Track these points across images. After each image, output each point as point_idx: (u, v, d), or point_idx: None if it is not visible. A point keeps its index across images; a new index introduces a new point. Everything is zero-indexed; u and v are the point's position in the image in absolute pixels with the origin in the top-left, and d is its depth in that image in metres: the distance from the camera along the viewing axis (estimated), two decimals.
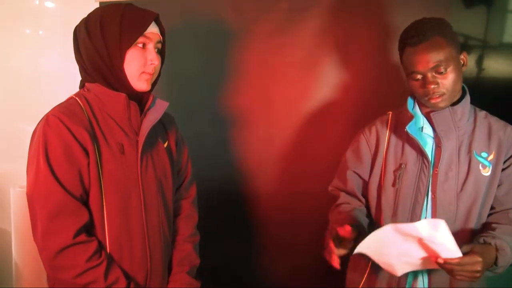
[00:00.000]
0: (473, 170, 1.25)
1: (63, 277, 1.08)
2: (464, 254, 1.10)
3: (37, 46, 2.10)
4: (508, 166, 1.26)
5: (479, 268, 1.09)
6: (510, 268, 1.22)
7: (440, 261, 1.09)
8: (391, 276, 1.29)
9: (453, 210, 1.25)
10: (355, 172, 1.43)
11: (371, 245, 1.16)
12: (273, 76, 1.83)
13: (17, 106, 2.06)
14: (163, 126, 1.31)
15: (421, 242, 1.10)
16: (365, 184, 1.42)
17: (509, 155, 1.26)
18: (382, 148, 1.36)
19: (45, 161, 1.05)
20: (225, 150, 1.87)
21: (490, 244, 1.16)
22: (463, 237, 1.23)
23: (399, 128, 1.34)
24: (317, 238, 1.83)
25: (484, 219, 1.28)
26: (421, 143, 1.27)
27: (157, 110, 1.20)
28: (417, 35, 1.21)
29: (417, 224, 1.07)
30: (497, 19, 1.78)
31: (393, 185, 1.32)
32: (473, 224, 1.26)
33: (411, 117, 1.28)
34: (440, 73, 1.20)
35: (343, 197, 1.45)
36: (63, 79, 1.91)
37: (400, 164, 1.32)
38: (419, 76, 1.23)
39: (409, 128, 1.26)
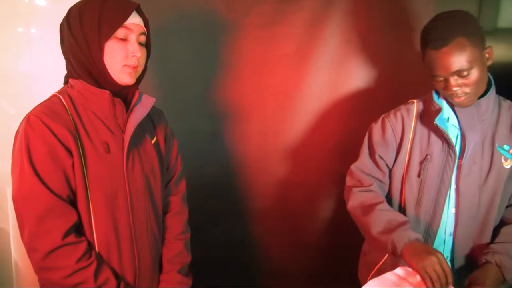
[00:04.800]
0: (495, 163, 1.26)
1: (53, 278, 1.07)
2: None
3: (30, 45, 2.08)
4: None
5: None
6: None
7: None
8: None
9: (476, 202, 1.26)
10: (381, 157, 1.40)
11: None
12: (266, 69, 1.82)
13: (12, 105, 2.04)
14: (151, 122, 1.29)
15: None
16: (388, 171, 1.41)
17: None
18: (407, 137, 1.35)
19: (29, 163, 1.04)
20: (219, 144, 1.87)
21: (491, 263, 1.19)
22: (484, 228, 1.27)
23: (425, 118, 1.33)
24: (313, 230, 1.84)
25: (502, 209, 1.29)
26: (450, 135, 1.27)
27: (144, 106, 1.18)
28: (439, 39, 1.18)
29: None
30: (491, 4, 1.77)
31: (418, 175, 1.32)
32: (494, 215, 1.28)
33: (439, 110, 1.27)
34: (463, 76, 1.18)
35: (370, 182, 1.39)
36: (57, 77, 1.90)
37: (426, 155, 1.31)
38: (441, 79, 1.21)
39: (438, 121, 1.25)
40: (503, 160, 1.26)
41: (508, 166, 1.26)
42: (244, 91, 1.84)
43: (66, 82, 1.18)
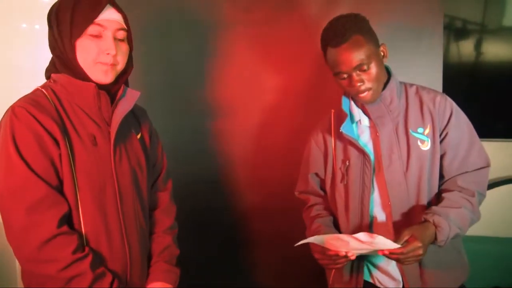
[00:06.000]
0: (413, 147, 1.29)
1: (47, 271, 1.03)
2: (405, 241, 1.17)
3: (34, 41, 2.08)
4: (446, 135, 1.29)
5: (421, 252, 1.15)
6: None
7: (386, 252, 1.16)
8: (352, 266, 1.36)
9: (403, 189, 1.29)
10: (314, 173, 1.47)
11: (319, 239, 1.23)
12: (261, 67, 1.80)
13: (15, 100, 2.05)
14: (135, 118, 1.28)
15: (363, 243, 1.17)
16: (322, 182, 1.48)
17: (443, 125, 1.30)
18: (330, 147, 1.41)
19: (16, 153, 1.01)
20: (213, 141, 1.86)
21: (429, 221, 1.21)
22: (418, 211, 1.28)
23: (339, 126, 1.36)
24: (304, 227, 1.83)
25: (435, 189, 1.32)
26: (361, 139, 1.33)
27: (128, 100, 1.16)
28: (336, 36, 1.24)
29: (357, 235, 1.16)
30: (495, 3, 1.77)
31: (341, 181, 1.37)
32: (425, 197, 1.30)
33: (345, 116, 1.33)
34: (364, 70, 1.24)
35: (313, 199, 1.50)
36: None
37: (344, 160, 1.36)
38: (345, 75, 1.26)
39: (344, 128, 1.31)
40: (419, 143, 1.29)
41: (427, 148, 1.29)
42: (238, 89, 1.82)
43: (48, 77, 1.16)
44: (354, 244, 1.18)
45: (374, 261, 1.38)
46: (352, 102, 1.36)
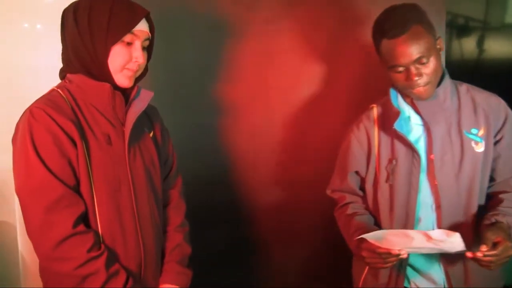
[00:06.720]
0: (467, 149, 1.25)
1: (63, 269, 1.06)
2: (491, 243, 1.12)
3: (36, 41, 2.09)
4: (501, 138, 1.25)
5: (511, 252, 1.12)
6: None
7: (479, 255, 1.10)
8: (391, 269, 1.30)
9: (455, 192, 1.25)
10: (354, 171, 1.41)
11: (378, 235, 1.18)
12: (268, 64, 1.81)
13: (18, 101, 2.05)
14: (148, 117, 1.30)
15: (430, 240, 1.13)
16: (363, 180, 1.41)
17: (498, 127, 1.26)
18: (373, 144, 1.35)
19: (34, 153, 1.03)
20: (221, 140, 1.86)
21: (502, 222, 1.17)
22: (469, 214, 1.25)
23: (386, 122, 1.32)
24: (310, 226, 1.83)
25: (484, 192, 1.28)
26: (410, 137, 1.26)
27: (142, 100, 1.19)
28: (395, 27, 1.17)
29: (431, 232, 1.12)
30: (497, 0, 1.76)
31: (387, 181, 1.31)
32: (476, 200, 1.26)
33: (397, 113, 1.26)
34: (423, 63, 1.18)
35: (349, 198, 1.44)
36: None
37: (391, 159, 1.30)
38: (401, 69, 1.20)
39: (397, 126, 1.24)
40: (473, 145, 1.24)
41: (481, 150, 1.24)
42: (246, 86, 1.82)
43: (63, 77, 1.18)
44: (418, 241, 1.13)
45: (414, 264, 1.33)
46: (400, 97, 1.30)
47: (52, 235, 1.04)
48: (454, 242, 1.11)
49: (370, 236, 1.17)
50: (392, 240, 1.16)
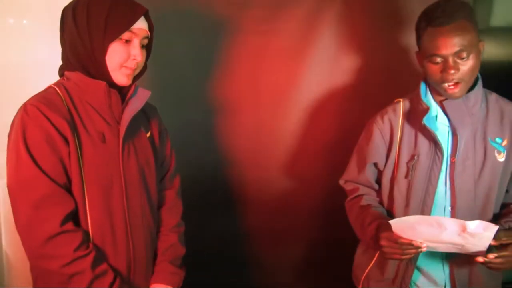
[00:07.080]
0: (489, 157, 1.26)
1: (50, 267, 1.07)
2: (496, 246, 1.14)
3: (22, 37, 2.05)
4: None
5: None
6: None
7: (491, 256, 1.11)
8: (400, 264, 1.31)
9: (472, 197, 1.26)
10: (372, 163, 1.40)
11: (405, 222, 1.15)
12: (262, 63, 1.82)
13: (3, 98, 2.02)
14: (145, 117, 1.30)
15: (461, 234, 1.11)
16: (380, 173, 1.41)
17: None
18: (396, 138, 1.34)
19: (25, 150, 1.04)
20: (214, 138, 1.87)
21: None
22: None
23: (412, 117, 1.32)
24: (306, 224, 1.84)
25: (500, 202, 1.30)
26: (437, 135, 1.26)
27: (139, 99, 1.19)
28: (443, 16, 1.17)
29: (470, 222, 1.09)
30: (483, 3, 1.78)
31: (406, 176, 1.31)
32: (491, 209, 1.28)
33: (427, 109, 1.25)
34: (462, 58, 1.17)
35: (362, 189, 1.43)
36: (50, 70, 1.88)
37: (413, 155, 1.30)
38: (439, 60, 1.19)
39: (426, 121, 1.23)
40: (496, 154, 1.26)
41: (502, 159, 1.26)
42: (240, 86, 1.84)
43: (61, 74, 1.18)
44: (449, 234, 1.11)
45: (417, 262, 1.33)
46: (430, 94, 1.29)
47: (40, 232, 1.04)
48: (483, 238, 1.10)
49: (399, 221, 1.14)
50: (418, 230, 1.13)
